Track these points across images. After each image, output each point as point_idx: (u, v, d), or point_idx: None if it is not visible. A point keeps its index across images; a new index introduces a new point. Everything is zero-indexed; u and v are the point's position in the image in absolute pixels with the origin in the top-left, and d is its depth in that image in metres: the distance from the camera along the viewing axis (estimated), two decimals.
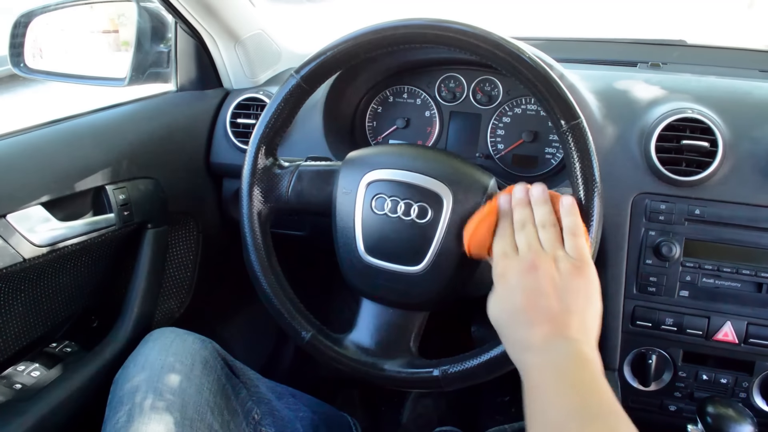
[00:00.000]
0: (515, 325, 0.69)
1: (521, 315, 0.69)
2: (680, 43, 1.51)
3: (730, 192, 1.01)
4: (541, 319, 0.67)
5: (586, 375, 0.62)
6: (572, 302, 0.68)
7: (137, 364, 0.94)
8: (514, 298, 0.70)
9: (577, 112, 0.76)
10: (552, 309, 0.67)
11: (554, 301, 0.68)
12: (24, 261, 0.91)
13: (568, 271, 0.70)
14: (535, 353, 0.66)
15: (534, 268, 0.70)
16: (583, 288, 0.70)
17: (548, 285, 0.69)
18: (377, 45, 0.84)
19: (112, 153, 1.09)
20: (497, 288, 0.73)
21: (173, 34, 1.30)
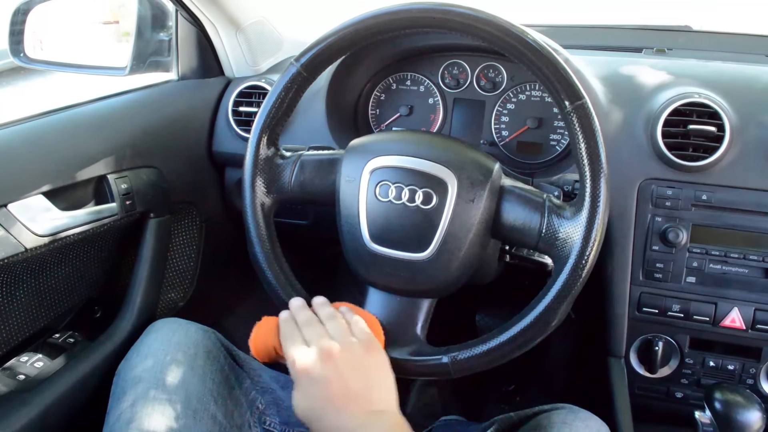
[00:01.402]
0: (327, 416, 0.72)
1: (330, 404, 0.72)
2: (686, 29, 1.50)
3: (737, 177, 1.00)
4: (348, 401, 0.72)
5: None
6: (372, 378, 0.75)
7: (140, 355, 0.93)
8: (320, 390, 0.73)
9: (581, 92, 0.74)
10: (356, 390, 0.73)
11: (356, 382, 0.73)
12: (26, 251, 0.90)
13: (362, 353, 0.76)
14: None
15: (331, 356, 0.74)
16: (377, 363, 0.77)
17: (348, 369, 0.74)
18: (378, 30, 0.82)
19: (114, 142, 1.08)
20: (301, 383, 0.75)
21: (174, 22, 1.29)
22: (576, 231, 0.75)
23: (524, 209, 0.81)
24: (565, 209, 0.78)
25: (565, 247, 0.76)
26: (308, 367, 0.74)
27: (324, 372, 0.73)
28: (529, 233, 0.80)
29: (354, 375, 0.74)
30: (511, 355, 0.79)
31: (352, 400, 0.72)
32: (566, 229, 0.76)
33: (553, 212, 0.78)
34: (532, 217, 0.80)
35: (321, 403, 0.73)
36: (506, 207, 0.82)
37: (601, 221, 0.74)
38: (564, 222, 0.77)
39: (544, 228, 0.78)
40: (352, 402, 0.72)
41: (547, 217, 0.78)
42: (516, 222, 0.81)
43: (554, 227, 0.77)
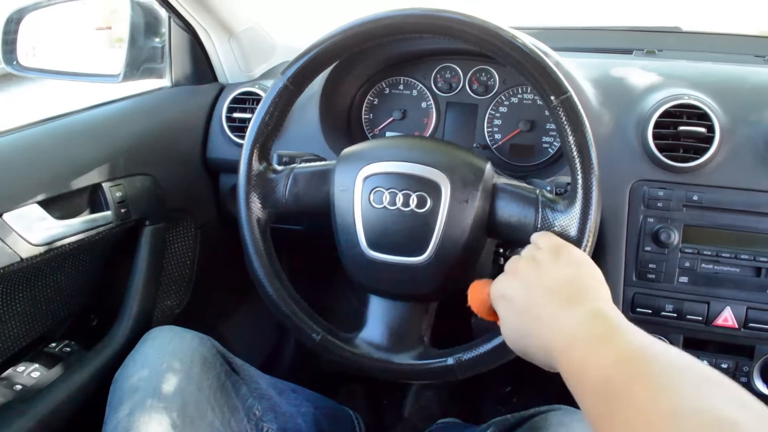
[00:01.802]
0: (531, 328, 0.65)
1: (527, 314, 0.65)
2: (675, 30, 1.51)
3: (727, 177, 1.01)
4: (541, 305, 0.64)
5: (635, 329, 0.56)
6: (564, 275, 0.66)
7: (137, 363, 0.93)
8: (514, 307, 0.68)
9: (565, 86, 0.75)
10: (552, 288, 0.65)
11: (543, 286, 0.66)
12: (21, 261, 0.90)
13: (547, 259, 0.69)
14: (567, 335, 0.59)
15: (515, 271, 0.70)
16: (568, 260, 0.69)
17: (533, 275, 0.68)
18: (364, 39, 0.83)
19: (108, 150, 1.08)
20: (500, 310, 0.71)
21: (167, 29, 1.29)
22: (571, 223, 0.76)
23: (518, 205, 0.81)
24: (558, 202, 0.79)
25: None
26: (501, 290, 0.71)
27: (511, 288, 0.69)
28: (525, 229, 0.80)
29: (539, 279, 0.67)
30: (513, 353, 0.80)
31: (544, 304, 0.64)
32: (561, 221, 0.77)
33: (547, 206, 0.79)
34: (526, 213, 0.80)
35: (520, 319, 0.67)
36: (500, 205, 0.83)
37: (595, 211, 0.75)
38: (558, 215, 0.77)
39: (539, 222, 0.79)
40: (546, 304, 0.64)
41: (541, 211, 0.79)
42: (511, 219, 0.82)
43: (549, 221, 0.78)
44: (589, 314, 0.59)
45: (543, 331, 0.63)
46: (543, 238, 0.74)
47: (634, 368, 0.50)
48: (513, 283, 0.69)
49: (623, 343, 0.53)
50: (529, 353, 0.66)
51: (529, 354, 0.65)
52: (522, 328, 0.67)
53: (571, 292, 0.63)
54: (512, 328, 0.68)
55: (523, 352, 0.67)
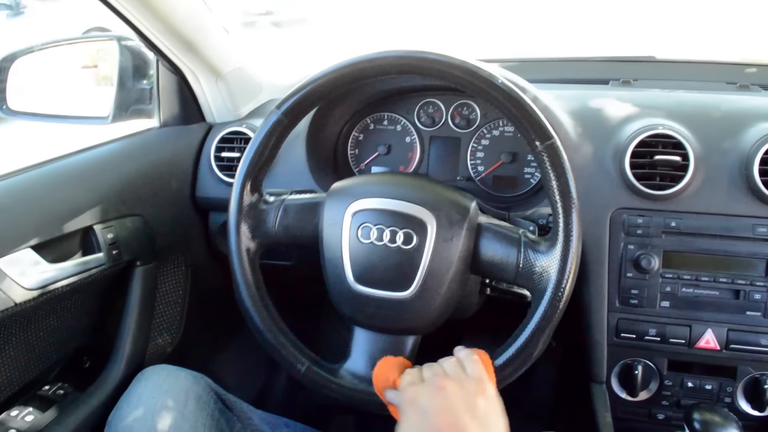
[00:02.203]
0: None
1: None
2: (649, 59, 1.55)
3: (703, 203, 1.04)
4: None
5: None
6: (482, 416, 0.69)
7: (131, 404, 0.94)
8: (427, 422, 0.70)
9: (550, 132, 0.78)
10: (465, 425, 0.68)
11: (465, 417, 0.69)
12: (15, 305, 0.91)
13: (474, 390, 0.72)
14: None
15: (442, 389, 0.72)
16: (488, 403, 0.72)
17: (459, 403, 0.70)
18: (355, 78, 0.86)
19: (99, 192, 1.09)
20: (409, 415, 0.73)
21: (155, 71, 1.31)
22: (552, 264, 0.79)
23: (501, 245, 0.84)
24: (540, 243, 0.82)
25: (542, 280, 0.79)
26: (417, 398, 0.72)
27: (433, 403, 0.71)
28: (507, 268, 0.83)
29: (464, 410, 0.69)
30: (498, 385, 0.82)
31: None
32: (542, 262, 0.80)
33: (529, 247, 0.82)
34: (509, 253, 0.83)
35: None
36: (484, 244, 0.85)
37: (575, 254, 0.78)
38: (540, 256, 0.80)
39: (521, 262, 0.82)
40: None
41: (523, 252, 0.82)
42: (494, 258, 0.84)
43: (531, 261, 0.81)
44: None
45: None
46: (469, 362, 0.77)
47: None
48: (436, 398, 0.71)
49: None
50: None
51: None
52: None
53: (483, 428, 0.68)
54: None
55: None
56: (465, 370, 0.76)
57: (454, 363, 0.77)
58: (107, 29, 5.65)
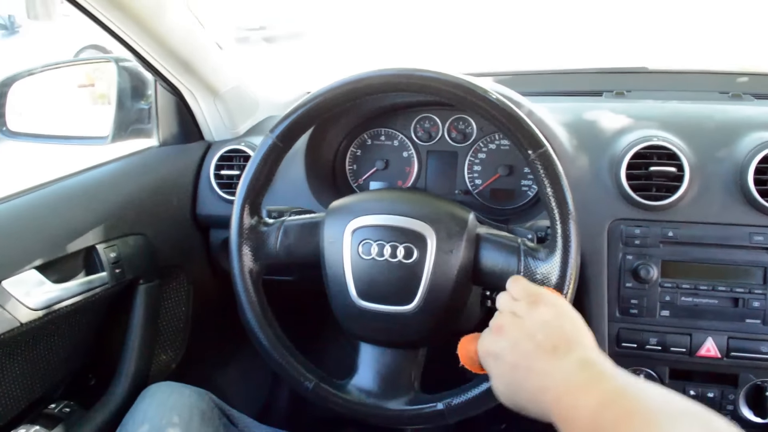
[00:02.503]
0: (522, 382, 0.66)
1: (517, 371, 0.67)
2: (642, 70, 1.56)
3: (700, 213, 1.05)
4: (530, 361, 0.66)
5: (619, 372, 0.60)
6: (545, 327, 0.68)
7: (136, 422, 0.94)
8: (504, 363, 0.69)
9: (541, 141, 0.79)
10: (532, 346, 0.66)
11: (528, 339, 0.67)
12: (21, 325, 0.92)
13: (526, 309, 0.71)
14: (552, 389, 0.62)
15: (500, 328, 0.71)
16: (548, 312, 0.70)
17: (517, 332, 0.69)
18: (347, 98, 0.88)
19: (101, 212, 1.10)
20: (490, 369, 0.72)
21: (153, 92, 1.32)
22: (552, 270, 0.80)
23: (501, 254, 0.85)
24: (540, 251, 0.83)
25: (543, 287, 0.80)
26: (488, 348, 0.72)
27: (499, 346, 0.70)
28: (508, 276, 0.84)
29: (524, 334, 0.68)
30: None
31: (533, 358, 0.65)
32: (542, 269, 0.81)
33: (529, 255, 0.83)
34: (509, 261, 0.84)
35: (510, 375, 0.68)
36: (484, 254, 0.86)
37: (575, 258, 0.79)
38: (540, 263, 0.81)
39: (522, 270, 0.82)
40: (535, 359, 0.65)
41: (523, 260, 0.83)
42: (495, 267, 0.85)
43: (531, 269, 0.82)
44: (577, 364, 0.62)
45: (534, 384, 0.64)
46: (516, 286, 0.75)
47: (620, 408, 0.54)
48: (500, 341, 0.70)
49: (608, 386, 0.57)
50: (521, 406, 0.67)
51: (522, 406, 0.67)
52: (513, 383, 0.68)
53: (556, 343, 0.65)
54: (504, 383, 0.70)
55: (515, 405, 0.68)
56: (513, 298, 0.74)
57: (504, 301, 0.75)
58: (102, 47, 5.67)
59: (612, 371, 0.60)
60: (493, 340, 0.72)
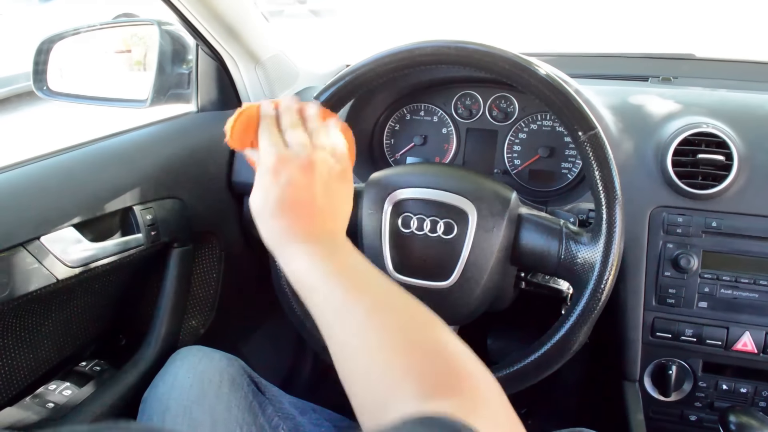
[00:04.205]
0: (282, 217, 0.69)
1: (288, 210, 0.69)
2: (689, 57, 1.53)
3: (745, 204, 1.03)
4: (305, 213, 0.69)
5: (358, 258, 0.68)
6: (336, 203, 0.73)
7: (166, 383, 0.95)
8: (283, 193, 0.69)
9: (593, 123, 0.78)
10: (319, 206, 0.70)
11: (321, 199, 0.70)
12: (57, 282, 0.93)
13: (337, 175, 0.73)
14: (298, 247, 0.67)
15: (311, 167, 0.71)
16: (346, 191, 0.75)
17: (319, 185, 0.70)
18: (395, 68, 0.86)
19: (139, 174, 1.11)
20: (264, 180, 0.71)
21: (194, 56, 1.32)
22: (594, 256, 0.78)
23: (542, 236, 0.84)
24: (582, 235, 0.81)
25: (584, 271, 0.79)
26: (280, 167, 0.70)
27: (296, 178, 0.70)
28: (549, 259, 0.83)
29: (322, 193, 0.70)
30: (534, 377, 0.82)
31: (308, 214, 0.69)
32: (584, 254, 0.79)
33: (571, 238, 0.81)
34: (550, 244, 0.83)
35: (276, 204, 0.69)
36: (525, 234, 0.85)
37: (618, 246, 0.77)
38: (582, 247, 0.80)
39: (563, 254, 0.81)
40: (308, 215, 0.69)
41: (565, 243, 0.81)
42: (535, 248, 0.84)
43: (572, 253, 0.80)
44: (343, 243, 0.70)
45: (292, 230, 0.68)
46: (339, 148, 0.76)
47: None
48: (301, 173, 0.70)
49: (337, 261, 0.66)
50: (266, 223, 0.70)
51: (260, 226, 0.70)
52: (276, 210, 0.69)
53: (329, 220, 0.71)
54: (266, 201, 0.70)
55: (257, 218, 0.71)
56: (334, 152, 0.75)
57: (323, 139, 0.75)
58: (135, 15, 5.67)
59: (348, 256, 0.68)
60: (295, 167, 0.71)
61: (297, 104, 0.78)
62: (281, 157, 0.71)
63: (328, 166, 0.72)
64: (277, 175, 0.70)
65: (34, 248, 0.90)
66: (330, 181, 0.72)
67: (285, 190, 0.69)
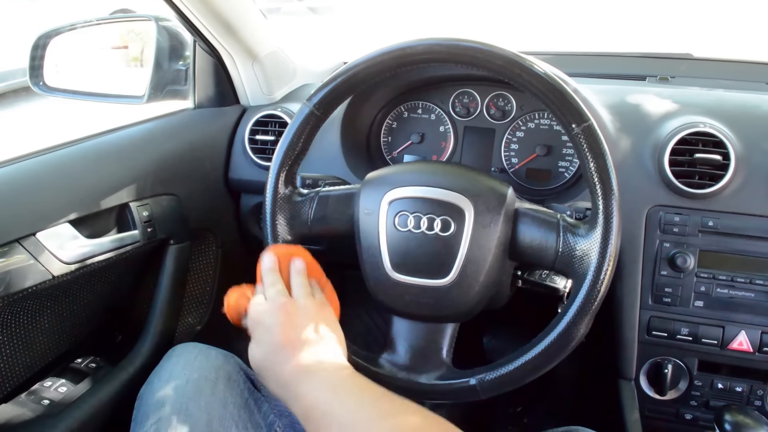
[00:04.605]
0: (278, 363, 0.75)
1: (281, 350, 0.75)
2: (687, 57, 1.53)
3: (742, 204, 1.03)
4: (298, 348, 0.75)
5: (358, 379, 0.73)
6: (322, 330, 0.78)
7: (162, 379, 0.95)
8: (272, 337, 0.76)
9: (586, 115, 0.77)
10: (307, 338, 0.76)
11: (306, 331, 0.77)
12: (53, 278, 0.92)
13: (315, 308, 0.81)
14: (304, 380, 0.72)
15: (284, 307, 0.79)
16: (328, 319, 0.81)
17: (300, 318, 0.78)
18: (387, 68, 0.85)
19: (136, 170, 1.11)
20: (255, 334, 0.79)
21: (191, 53, 1.32)
22: (592, 247, 0.78)
23: (540, 230, 0.83)
24: (579, 227, 0.81)
25: (582, 264, 0.79)
26: (262, 316, 0.79)
27: (276, 319, 0.77)
28: (546, 252, 0.82)
29: (305, 324, 0.77)
30: (535, 373, 0.82)
31: (301, 348, 0.75)
32: (582, 246, 0.79)
33: (568, 231, 0.81)
34: (548, 237, 0.82)
35: (272, 350, 0.76)
36: (522, 229, 0.85)
37: (616, 237, 0.77)
38: (579, 239, 0.79)
39: (561, 246, 0.81)
40: (302, 349, 0.74)
41: (562, 235, 0.81)
42: (533, 242, 0.84)
43: (570, 245, 0.80)
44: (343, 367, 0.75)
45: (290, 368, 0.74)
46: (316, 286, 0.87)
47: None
48: (278, 313, 0.78)
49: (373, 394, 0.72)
50: (268, 377, 0.77)
51: (265, 377, 0.77)
52: (272, 354, 0.76)
53: (323, 349, 0.76)
54: (262, 349, 0.77)
55: (262, 374, 0.78)
56: (311, 293, 0.83)
57: (298, 284, 0.84)
58: (131, 10, 5.67)
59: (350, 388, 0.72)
60: (270, 311, 0.79)
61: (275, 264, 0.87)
62: (258, 308, 0.81)
63: (303, 302, 0.81)
64: (259, 324, 0.79)
65: (29, 244, 0.90)
66: (308, 312, 0.79)
67: (270, 336, 0.77)
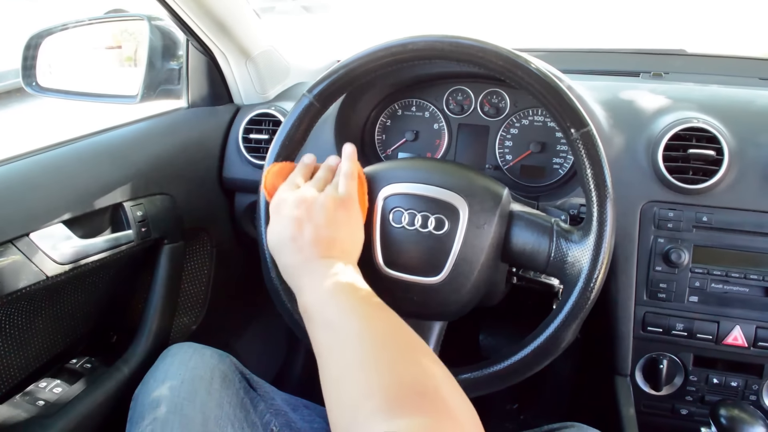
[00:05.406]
0: (288, 253, 0.78)
1: (292, 242, 0.78)
2: (680, 53, 1.53)
3: (736, 199, 1.03)
4: (308, 244, 0.77)
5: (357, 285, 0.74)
6: (339, 229, 0.79)
7: (157, 380, 0.95)
8: (286, 228, 0.78)
9: (586, 120, 0.77)
10: (320, 235, 0.77)
11: (322, 228, 0.78)
12: (47, 279, 0.92)
13: (334, 205, 0.80)
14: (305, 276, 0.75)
15: (303, 201, 0.80)
16: (348, 218, 0.81)
17: (318, 215, 0.79)
18: (387, 63, 0.85)
19: (129, 170, 1.10)
20: (272, 218, 0.82)
21: (185, 52, 1.31)
22: (584, 255, 0.78)
23: (533, 234, 0.83)
24: (573, 233, 0.81)
25: (573, 270, 0.79)
26: (280, 206, 0.81)
27: (294, 212, 0.79)
28: (539, 257, 0.82)
29: (322, 222, 0.78)
30: (522, 375, 0.81)
31: (312, 244, 0.77)
32: (574, 252, 0.79)
33: (561, 236, 0.81)
34: (540, 242, 0.82)
35: (285, 241, 0.78)
36: (516, 232, 0.85)
37: (608, 245, 0.77)
38: (572, 246, 0.79)
39: (553, 252, 0.81)
40: (312, 245, 0.77)
41: (555, 241, 0.81)
42: (525, 246, 0.84)
43: (563, 251, 0.80)
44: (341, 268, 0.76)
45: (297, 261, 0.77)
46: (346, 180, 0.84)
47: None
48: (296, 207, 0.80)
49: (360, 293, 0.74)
50: (278, 259, 0.80)
51: (278, 256, 0.80)
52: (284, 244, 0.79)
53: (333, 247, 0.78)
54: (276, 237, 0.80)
55: (274, 251, 0.81)
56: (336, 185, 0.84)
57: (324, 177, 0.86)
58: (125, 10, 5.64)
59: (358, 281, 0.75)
60: (293, 203, 0.80)
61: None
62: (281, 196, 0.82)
63: (326, 197, 0.80)
64: (278, 212, 0.81)
65: (23, 245, 0.89)
66: (327, 209, 0.79)
67: (285, 227, 0.79)
